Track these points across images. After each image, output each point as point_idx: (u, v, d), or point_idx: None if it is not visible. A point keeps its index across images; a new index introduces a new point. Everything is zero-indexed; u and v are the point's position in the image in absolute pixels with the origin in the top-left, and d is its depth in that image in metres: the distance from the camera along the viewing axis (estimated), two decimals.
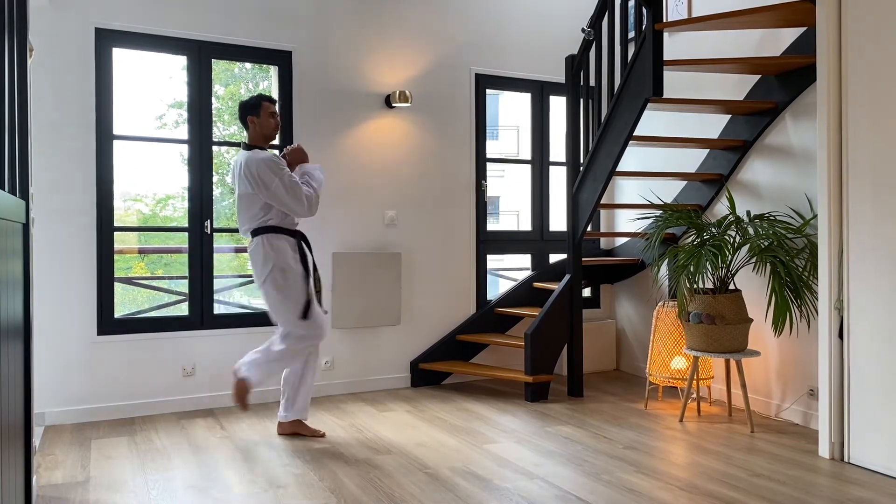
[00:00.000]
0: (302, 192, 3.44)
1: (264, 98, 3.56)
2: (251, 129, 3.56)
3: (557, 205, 5.25)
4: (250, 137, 3.57)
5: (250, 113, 3.54)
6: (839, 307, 3.18)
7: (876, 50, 3.01)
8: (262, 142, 3.56)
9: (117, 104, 4.04)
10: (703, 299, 3.74)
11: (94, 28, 3.94)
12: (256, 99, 3.55)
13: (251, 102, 3.55)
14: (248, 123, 3.55)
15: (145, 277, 5.36)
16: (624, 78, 4.00)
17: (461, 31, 4.94)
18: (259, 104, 3.53)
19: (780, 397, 3.95)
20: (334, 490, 2.84)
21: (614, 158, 4.10)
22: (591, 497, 2.75)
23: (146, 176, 5.08)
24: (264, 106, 3.54)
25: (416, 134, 4.80)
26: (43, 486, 2.90)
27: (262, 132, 3.54)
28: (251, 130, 3.56)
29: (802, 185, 3.83)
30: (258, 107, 3.53)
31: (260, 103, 3.53)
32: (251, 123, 3.54)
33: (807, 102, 3.79)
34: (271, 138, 3.59)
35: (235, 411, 4.11)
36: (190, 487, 2.89)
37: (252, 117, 3.53)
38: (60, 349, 3.86)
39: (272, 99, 3.59)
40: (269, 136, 3.56)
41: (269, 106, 3.55)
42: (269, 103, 3.56)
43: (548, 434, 3.64)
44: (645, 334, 5.04)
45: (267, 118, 3.53)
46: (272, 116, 3.55)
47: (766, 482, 2.90)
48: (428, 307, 4.83)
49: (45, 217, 3.80)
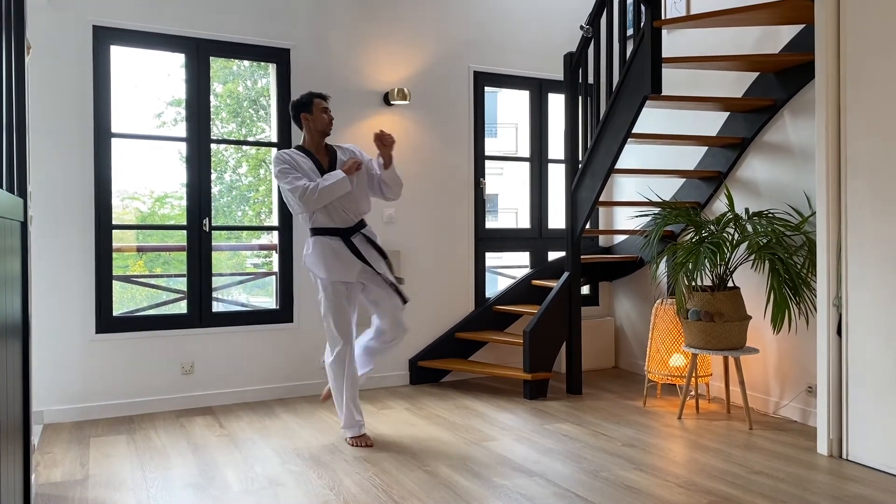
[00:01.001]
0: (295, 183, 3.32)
1: (315, 95, 3.51)
2: (305, 127, 3.50)
3: (556, 202, 5.25)
4: (305, 136, 3.52)
5: (303, 110, 3.48)
6: (837, 304, 3.18)
7: (874, 47, 3.01)
8: (319, 138, 3.51)
9: (115, 102, 4.04)
10: (702, 297, 3.74)
11: (92, 26, 3.93)
12: (307, 97, 3.50)
13: (303, 100, 3.50)
14: (301, 121, 3.50)
15: (144, 276, 5.36)
16: (622, 75, 3.99)
17: (460, 29, 4.93)
18: (311, 101, 3.48)
19: (779, 394, 3.96)
20: (333, 488, 2.84)
21: (613, 156, 4.10)
22: (590, 494, 2.75)
23: (144, 174, 5.08)
24: (316, 102, 3.49)
25: (415, 131, 4.80)
26: (42, 484, 2.90)
27: (317, 128, 3.49)
28: (305, 128, 3.50)
29: (801, 182, 3.83)
30: (310, 104, 3.48)
31: (311, 100, 3.48)
32: (305, 121, 3.48)
33: (805, 100, 3.79)
34: (326, 133, 3.52)
35: (234, 409, 4.11)
36: (189, 485, 2.89)
37: (305, 114, 3.48)
38: (59, 347, 3.86)
39: (323, 95, 3.54)
40: (323, 131, 3.50)
41: (321, 102, 3.50)
42: (321, 99, 3.51)
43: (547, 431, 3.64)
44: (644, 332, 5.05)
45: (320, 114, 3.49)
46: (325, 112, 3.50)
47: (765, 479, 2.91)
48: (427, 305, 4.83)
49: (43, 215, 3.80)
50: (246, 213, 7.04)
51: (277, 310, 4.45)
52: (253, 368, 4.33)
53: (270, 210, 4.79)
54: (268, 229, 4.58)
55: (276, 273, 4.52)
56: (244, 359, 4.30)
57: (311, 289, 4.47)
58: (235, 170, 6.87)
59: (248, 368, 4.32)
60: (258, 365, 4.34)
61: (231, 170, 6.82)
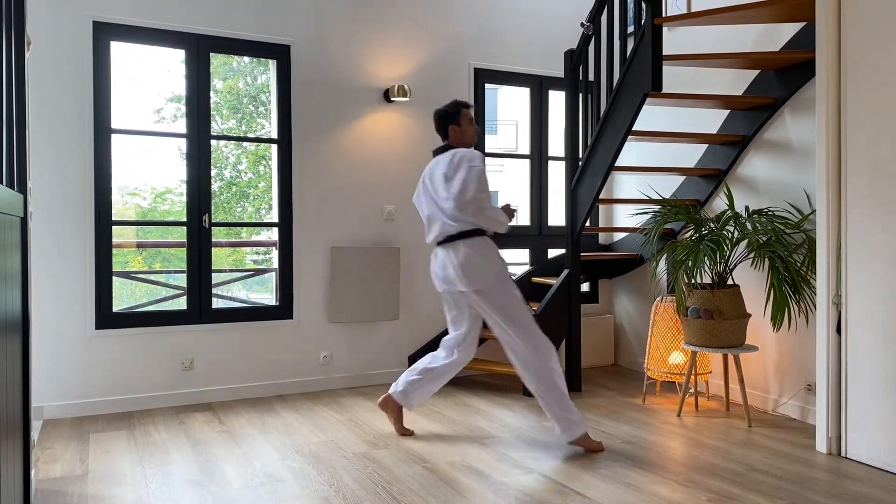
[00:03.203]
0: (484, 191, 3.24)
1: (461, 104, 3.37)
2: (451, 137, 3.36)
3: (556, 200, 5.25)
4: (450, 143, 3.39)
5: (451, 122, 3.35)
6: (837, 302, 3.19)
7: (875, 45, 3.01)
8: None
9: (115, 98, 4.03)
10: (702, 294, 3.75)
11: (92, 21, 3.92)
12: (454, 107, 3.36)
13: (450, 111, 3.36)
14: (448, 132, 3.36)
15: (143, 272, 5.36)
16: (623, 73, 3.99)
17: (460, 26, 4.93)
18: (458, 111, 3.35)
19: (778, 392, 3.96)
20: (332, 484, 2.84)
21: (613, 153, 4.10)
22: (589, 491, 2.75)
23: (144, 170, 5.08)
24: (463, 113, 3.35)
25: (415, 128, 4.80)
26: (41, 479, 2.90)
27: (464, 139, 3.36)
28: (451, 138, 3.37)
29: (801, 180, 3.83)
30: (458, 114, 3.35)
31: (459, 110, 3.35)
32: (452, 132, 3.35)
33: (806, 97, 3.79)
34: (471, 145, 3.38)
35: (234, 405, 4.12)
36: (188, 481, 2.89)
37: (453, 126, 3.35)
38: (59, 343, 3.86)
39: (468, 104, 3.40)
40: (469, 143, 3.37)
41: (468, 112, 3.37)
42: (467, 109, 3.37)
43: (546, 428, 3.64)
44: (643, 329, 5.05)
45: (468, 125, 3.36)
46: (472, 123, 3.37)
47: (764, 476, 2.91)
48: (426, 302, 4.83)
49: (43, 211, 3.80)
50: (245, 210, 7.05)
51: (277, 306, 4.45)
52: (252, 365, 4.33)
53: (270, 206, 4.78)
54: (267, 226, 4.58)
55: (275, 269, 4.52)
56: (244, 355, 4.31)
57: (311, 285, 4.47)
58: (235, 166, 6.87)
59: (248, 365, 4.32)
60: (258, 361, 4.34)
61: (231, 166, 6.83)
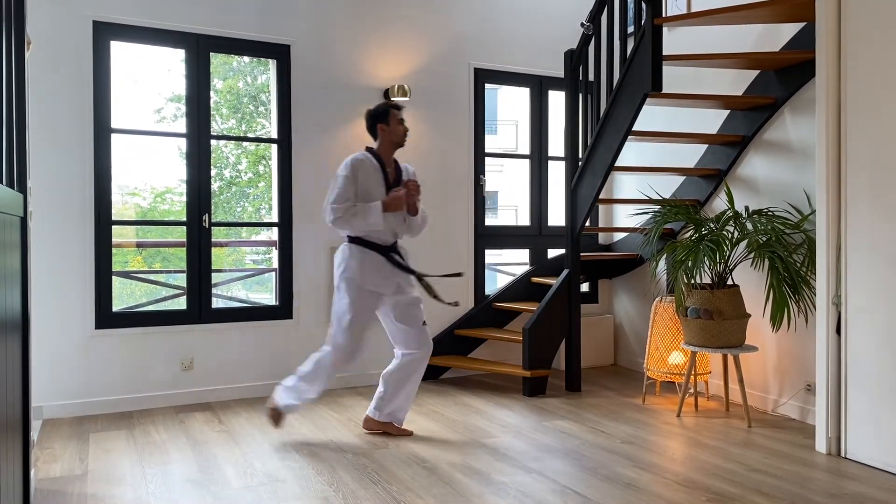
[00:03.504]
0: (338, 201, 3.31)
1: (392, 105, 3.48)
2: (380, 137, 3.46)
3: (556, 200, 5.25)
4: (378, 145, 3.49)
5: (380, 121, 3.45)
6: (837, 302, 3.19)
7: (875, 45, 3.01)
8: (392, 149, 3.49)
9: (115, 97, 4.03)
10: (701, 294, 3.75)
11: (92, 21, 3.92)
12: (384, 106, 3.47)
13: (380, 111, 3.46)
14: (377, 131, 3.46)
15: (143, 271, 5.36)
16: (623, 73, 3.99)
17: (460, 26, 4.93)
18: (388, 111, 3.44)
19: (778, 392, 3.96)
20: (332, 484, 2.84)
21: (613, 153, 4.10)
22: (589, 491, 2.75)
23: (144, 170, 5.08)
24: (393, 113, 3.45)
25: (415, 128, 4.79)
26: (41, 479, 2.90)
27: (392, 139, 3.46)
28: (380, 138, 3.47)
29: (801, 180, 3.83)
30: (387, 114, 3.44)
31: (388, 111, 3.45)
32: (381, 131, 3.45)
33: (806, 98, 3.79)
34: (401, 145, 3.49)
35: (233, 405, 4.12)
36: (188, 481, 2.89)
37: (382, 125, 3.44)
38: (59, 343, 3.86)
39: (399, 105, 3.50)
40: (398, 142, 3.47)
41: (398, 113, 3.46)
42: (397, 110, 3.47)
43: (545, 428, 3.64)
44: (643, 329, 5.05)
45: (396, 125, 3.45)
46: (401, 123, 3.47)
47: (763, 477, 2.91)
48: (426, 302, 4.81)
49: (43, 211, 3.79)
50: (245, 210, 7.04)
51: (277, 306, 4.45)
52: (252, 364, 4.33)
53: (270, 206, 4.78)
54: (267, 225, 4.58)
55: (275, 269, 4.52)
56: (243, 355, 4.30)
57: (310, 285, 4.47)
58: (235, 166, 6.87)
59: (248, 364, 4.32)
60: (257, 361, 4.34)
61: (231, 166, 6.82)
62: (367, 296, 3.38)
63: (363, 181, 3.38)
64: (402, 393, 3.50)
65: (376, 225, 3.32)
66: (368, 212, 3.32)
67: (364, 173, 3.39)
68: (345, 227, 3.35)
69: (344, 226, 3.34)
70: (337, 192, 3.32)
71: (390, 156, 3.51)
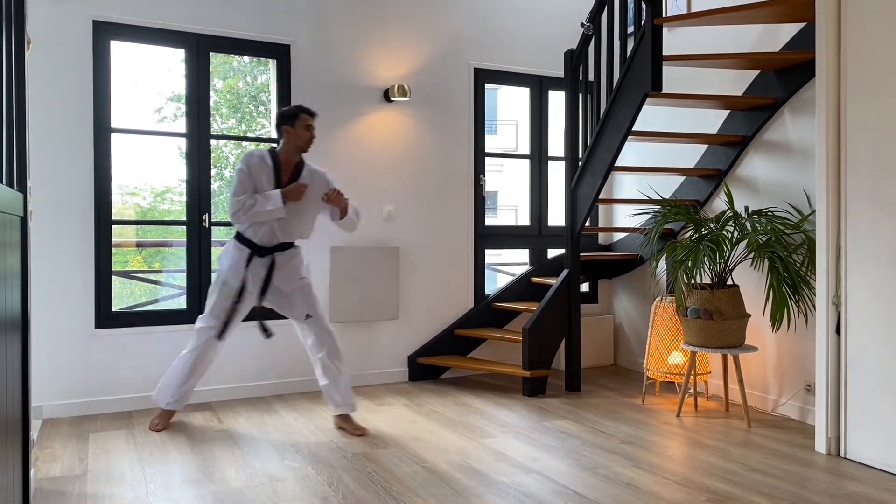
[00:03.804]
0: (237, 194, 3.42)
1: (303, 110, 3.51)
2: (284, 138, 3.51)
3: (556, 200, 5.25)
4: (281, 147, 3.53)
5: (286, 122, 3.49)
6: (837, 303, 3.19)
7: (875, 45, 3.01)
8: (295, 153, 3.54)
9: (115, 97, 4.03)
10: (701, 294, 3.75)
11: (92, 21, 3.92)
12: (295, 109, 3.51)
13: (289, 113, 3.51)
14: (282, 132, 3.51)
15: (143, 271, 5.36)
16: (623, 73, 3.99)
17: (460, 26, 4.93)
18: (297, 115, 3.48)
19: (777, 392, 3.96)
20: (332, 484, 2.84)
21: (613, 153, 4.10)
22: (588, 491, 2.75)
23: (144, 169, 5.08)
24: (302, 118, 3.48)
25: (415, 128, 4.80)
26: (41, 479, 2.90)
27: (296, 143, 3.50)
28: (284, 139, 3.51)
29: (801, 180, 3.83)
30: (295, 117, 3.48)
31: (298, 114, 3.48)
32: (286, 132, 3.49)
33: (805, 98, 3.79)
34: (304, 150, 3.53)
35: (233, 405, 4.12)
36: (187, 481, 2.89)
37: (287, 126, 3.49)
38: (58, 342, 3.86)
39: (312, 112, 3.54)
40: (302, 147, 3.51)
41: (308, 118, 3.50)
42: (307, 115, 3.50)
43: (545, 428, 3.64)
44: (643, 329, 5.05)
45: (302, 130, 3.49)
46: (308, 129, 3.50)
47: (763, 477, 2.91)
48: (426, 302, 4.83)
49: (43, 210, 3.79)
50: None
51: None
52: (251, 364, 4.33)
53: None
54: None
55: None
56: (243, 355, 4.30)
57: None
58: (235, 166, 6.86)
59: (247, 364, 4.32)
60: (257, 361, 4.34)
61: (231, 166, 6.81)
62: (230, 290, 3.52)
63: (256, 177, 3.47)
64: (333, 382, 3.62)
65: (276, 212, 3.42)
66: (268, 198, 3.42)
67: (256, 170, 3.47)
68: (245, 219, 3.43)
69: (244, 217, 3.42)
70: (234, 186, 3.44)
71: (291, 159, 3.55)
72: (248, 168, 3.45)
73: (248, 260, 3.50)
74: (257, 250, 3.50)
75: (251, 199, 3.41)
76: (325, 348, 3.59)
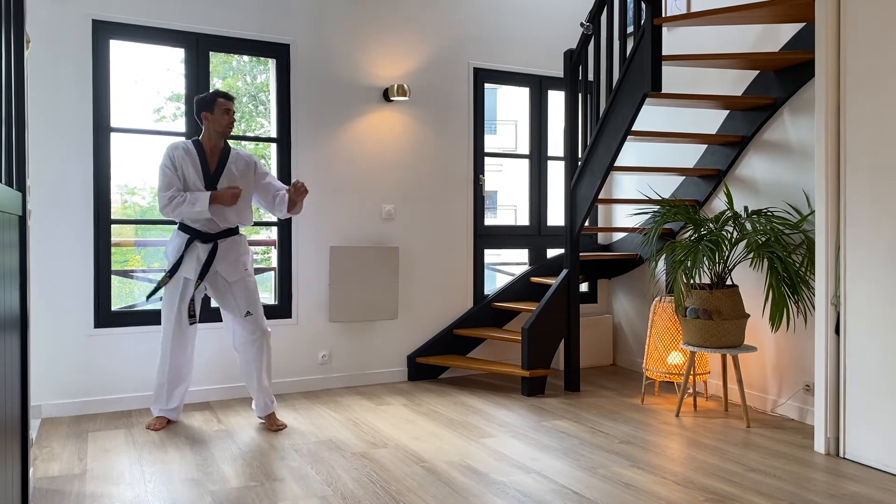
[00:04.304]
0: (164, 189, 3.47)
1: (220, 94, 3.56)
2: (205, 126, 3.57)
3: (555, 199, 5.25)
4: (203, 134, 3.59)
5: (204, 109, 3.55)
6: (836, 303, 3.19)
7: (874, 46, 3.01)
8: (217, 138, 3.59)
9: (115, 96, 4.03)
10: (700, 294, 3.75)
11: (92, 20, 3.92)
12: (212, 95, 3.55)
13: (206, 98, 3.55)
14: (202, 119, 3.56)
15: (142, 270, 5.35)
16: (622, 73, 3.99)
17: (460, 25, 4.93)
18: (214, 100, 3.53)
19: (777, 392, 3.97)
20: (330, 483, 2.84)
21: (612, 153, 4.10)
22: (587, 491, 2.76)
23: (144, 169, 5.07)
24: (219, 102, 3.54)
25: (414, 128, 4.80)
26: (40, 478, 2.90)
27: (216, 129, 3.55)
28: (204, 126, 3.57)
29: (800, 180, 3.83)
30: (212, 103, 3.54)
31: (215, 100, 3.53)
32: (205, 119, 3.55)
33: (805, 98, 3.79)
34: (225, 135, 3.60)
35: (232, 404, 4.11)
36: (186, 480, 2.89)
37: (206, 113, 3.54)
38: (57, 342, 3.86)
39: (229, 95, 3.59)
40: (222, 132, 3.58)
41: (225, 103, 3.55)
42: (225, 100, 3.55)
43: (544, 428, 3.65)
44: (642, 329, 5.05)
45: (221, 115, 3.54)
46: (226, 113, 3.55)
47: (762, 477, 2.92)
48: (425, 301, 4.83)
49: (42, 209, 3.79)
50: None
51: (276, 305, 4.45)
52: None
53: None
54: (267, 225, 4.58)
55: (274, 269, 4.52)
56: None
57: (310, 285, 4.47)
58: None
59: None
60: None
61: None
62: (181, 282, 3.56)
63: (180, 167, 3.51)
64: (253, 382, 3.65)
65: (202, 213, 3.46)
66: (195, 200, 3.46)
67: (180, 160, 3.50)
68: (174, 215, 3.49)
69: (172, 213, 3.48)
70: (160, 182, 3.49)
71: (216, 144, 3.60)
72: (172, 161, 3.50)
73: (187, 243, 3.53)
74: (199, 236, 3.55)
75: (180, 195, 3.46)
76: (254, 348, 3.62)
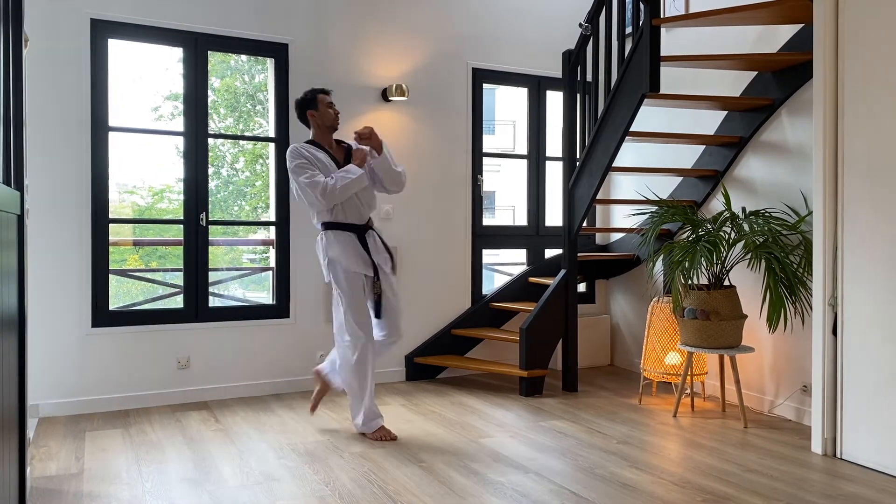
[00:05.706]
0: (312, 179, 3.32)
1: (318, 91, 3.53)
2: (313, 124, 3.51)
3: (553, 200, 5.26)
4: (313, 133, 3.53)
5: (309, 107, 3.50)
6: (833, 303, 3.19)
7: (872, 47, 3.01)
8: (328, 133, 3.53)
9: (113, 95, 4.03)
10: (698, 295, 3.75)
11: (90, 19, 3.92)
12: (311, 93, 3.51)
13: (308, 97, 3.51)
14: (308, 119, 3.51)
15: (140, 270, 5.35)
16: (621, 73, 3.99)
17: (458, 25, 4.93)
18: (315, 97, 3.50)
19: (774, 393, 3.97)
20: (328, 483, 2.84)
21: (611, 154, 4.10)
22: (585, 491, 2.76)
23: (142, 168, 5.06)
24: (320, 98, 3.50)
25: (413, 128, 4.80)
26: (37, 477, 2.90)
27: (325, 123, 3.50)
28: (313, 125, 3.52)
29: (798, 181, 3.84)
30: (315, 100, 3.49)
31: (316, 97, 3.50)
32: (311, 118, 3.50)
33: (803, 99, 3.80)
34: (334, 129, 3.54)
35: (230, 404, 4.11)
36: (184, 480, 2.89)
37: (311, 111, 3.49)
38: (55, 341, 3.85)
39: (326, 90, 3.55)
40: (331, 126, 3.52)
41: (325, 97, 3.52)
42: (324, 94, 3.52)
43: (542, 428, 3.65)
44: (640, 330, 5.06)
45: (326, 109, 3.50)
46: (330, 107, 3.52)
47: (759, 477, 2.92)
48: (423, 301, 4.83)
49: (40, 208, 3.79)
50: (242, 209, 7.03)
51: (274, 305, 4.45)
52: (249, 363, 4.33)
53: (268, 205, 4.78)
54: (265, 224, 4.58)
55: (272, 268, 4.52)
56: (240, 354, 4.30)
57: (308, 284, 4.47)
58: (233, 165, 6.85)
59: (244, 363, 4.32)
60: (254, 360, 4.34)
61: (228, 165, 6.81)
62: (354, 277, 3.43)
63: (315, 159, 3.41)
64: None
65: (362, 180, 3.36)
66: (347, 170, 3.37)
67: (313, 158, 3.41)
68: (339, 194, 3.32)
69: (337, 194, 3.32)
70: (302, 177, 3.33)
71: (329, 141, 3.54)
72: (304, 156, 3.38)
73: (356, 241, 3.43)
74: (354, 230, 3.45)
75: (330, 177, 3.34)
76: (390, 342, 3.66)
